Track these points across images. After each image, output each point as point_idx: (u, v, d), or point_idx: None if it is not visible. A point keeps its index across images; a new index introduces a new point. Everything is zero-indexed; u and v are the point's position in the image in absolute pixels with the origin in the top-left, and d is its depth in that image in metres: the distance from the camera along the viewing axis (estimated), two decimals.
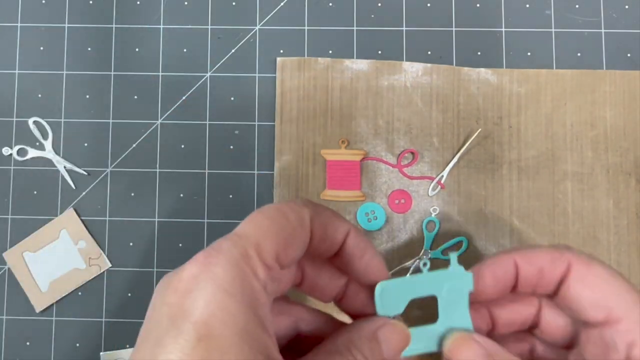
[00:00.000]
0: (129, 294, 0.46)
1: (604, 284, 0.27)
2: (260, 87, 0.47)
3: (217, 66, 0.47)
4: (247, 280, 0.22)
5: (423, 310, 0.30)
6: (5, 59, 0.48)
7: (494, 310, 0.31)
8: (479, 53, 0.47)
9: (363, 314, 0.29)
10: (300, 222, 0.25)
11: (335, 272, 0.29)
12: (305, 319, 0.29)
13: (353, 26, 0.47)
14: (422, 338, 0.30)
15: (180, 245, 0.46)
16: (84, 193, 0.47)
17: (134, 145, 0.47)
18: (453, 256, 0.31)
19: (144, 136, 0.47)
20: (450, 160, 0.45)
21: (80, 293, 0.46)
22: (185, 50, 0.48)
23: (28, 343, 0.46)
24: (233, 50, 0.47)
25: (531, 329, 0.31)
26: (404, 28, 0.47)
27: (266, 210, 0.24)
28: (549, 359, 0.30)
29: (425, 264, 0.32)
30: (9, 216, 0.47)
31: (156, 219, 0.46)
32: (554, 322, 0.30)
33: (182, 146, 0.47)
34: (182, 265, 0.23)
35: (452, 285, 0.31)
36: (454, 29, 0.47)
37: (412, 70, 0.46)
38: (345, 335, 0.26)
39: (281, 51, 0.47)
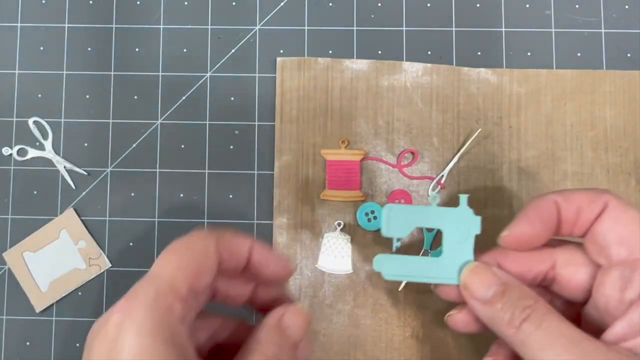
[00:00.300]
0: None
1: (635, 225, 0.29)
2: (260, 87, 0.47)
3: (217, 66, 0.47)
4: (164, 318, 0.25)
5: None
6: (5, 59, 0.48)
7: (504, 264, 0.33)
8: (479, 53, 0.47)
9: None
10: (206, 252, 0.27)
11: (243, 280, 0.31)
12: (222, 328, 0.31)
13: (353, 26, 0.47)
14: (426, 268, 0.34)
15: None
16: (84, 193, 0.47)
17: (134, 145, 0.47)
18: (463, 197, 0.34)
19: (144, 136, 0.47)
20: (450, 160, 0.45)
21: (80, 293, 0.46)
22: (185, 50, 0.48)
23: (28, 343, 0.46)
24: (233, 50, 0.47)
25: (548, 285, 0.33)
26: (404, 28, 0.47)
27: (175, 247, 0.27)
28: (566, 314, 0.32)
29: (434, 199, 0.35)
30: (9, 216, 0.47)
31: (156, 219, 0.46)
32: (571, 277, 0.31)
33: (182, 146, 0.47)
34: (107, 313, 0.25)
35: (460, 225, 0.34)
36: (454, 29, 0.47)
37: (412, 70, 0.46)
38: (254, 334, 0.28)
39: (281, 51, 0.47)
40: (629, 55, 0.46)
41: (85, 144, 0.47)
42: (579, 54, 0.46)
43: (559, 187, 0.45)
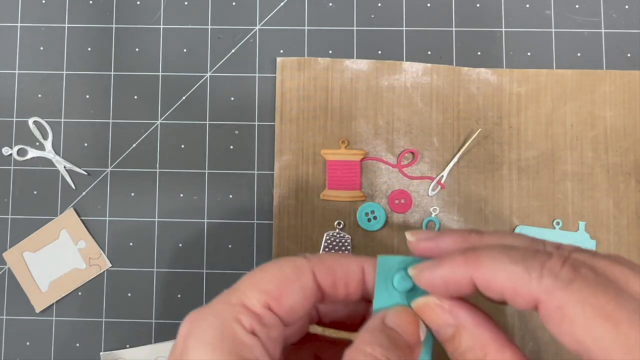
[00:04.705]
0: (129, 294, 0.46)
1: (583, 324, 0.20)
2: (260, 87, 0.47)
3: (217, 66, 0.47)
4: (229, 329, 0.24)
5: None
6: (5, 59, 0.48)
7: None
8: (479, 53, 0.47)
9: None
10: (296, 272, 0.25)
11: (353, 305, 0.28)
12: (326, 350, 0.29)
13: (353, 26, 0.47)
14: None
15: (180, 245, 0.46)
16: (84, 193, 0.47)
17: (134, 145, 0.47)
18: (582, 224, 0.42)
19: (144, 136, 0.47)
20: (450, 160, 0.45)
21: (80, 293, 0.46)
22: (185, 50, 0.48)
23: (28, 343, 0.46)
24: (233, 50, 0.47)
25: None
26: (404, 28, 0.47)
27: (263, 265, 0.26)
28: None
29: (557, 223, 0.42)
30: (9, 216, 0.47)
31: (156, 219, 0.46)
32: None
33: (182, 146, 0.47)
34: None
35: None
36: (454, 29, 0.47)
37: (412, 70, 0.46)
38: (352, 344, 0.24)
39: (281, 51, 0.47)
40: (629, 55, 0.46)
41: (85, 144, 0.47)
42: (579, 54, 0.46)
43: (559, 187, 0.45)
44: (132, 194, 0.47)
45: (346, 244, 0.45)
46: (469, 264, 0.23)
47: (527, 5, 0.47)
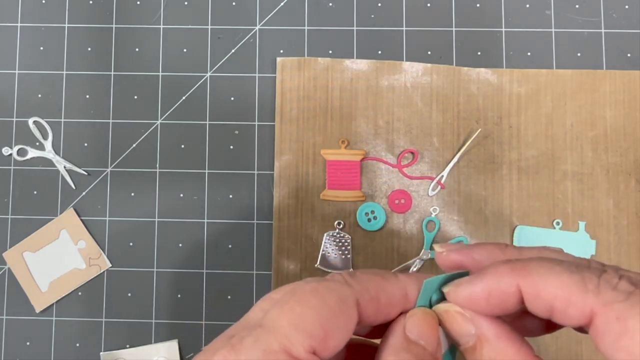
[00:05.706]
0: (129, 294, 0.46)
1: None
2: (260, 87, 0.47)
3: (217, 66, 0.47)
4: None
5: None
6: (5, 59, 0.48)
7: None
8: (479, 53, 0.47)
9: None
10: (341, 306, 0.21)
11: None
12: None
13: (353, 26, 0.47)
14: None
15: (180, 245, 0.46)
16: (84, 193, 0.47)
17: (134, 145, 0.47)
18: (582, 224, 0.43)
19: (144, 136, 0.47)
20: (450, 160, 0.45)
21: (80, 293, 0.46)
22: (185, 50, 0.48)
23: (28, 343, 0.46)
24: (233, 50, 0.47)
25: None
26: (404, 28, 0.47)
27: (300, 293, 0.21)
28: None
29: (557, 223, 0.43)
30: (9, 216, 0.47)
31: (156, 219, 0.46)
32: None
33: (182, 146, 0.47)
34: (202, 357, 0.21)
35: (578, 246, 0.43)
36: (454, 29, 0.47)
37: (412, 70, 0.46)
38: None
39: (281, 51, 0.47)
40: (629, 55, 0.46)
41: (85, 144, 0.47)
42: (579, 54, 0.46)
43: (559, 187, 0.45)
44: (132, 194, 0.47)
45: (346, 244, 0.45)
46: (517, 272, 0.21)
47: (527, 5, 0.47)
